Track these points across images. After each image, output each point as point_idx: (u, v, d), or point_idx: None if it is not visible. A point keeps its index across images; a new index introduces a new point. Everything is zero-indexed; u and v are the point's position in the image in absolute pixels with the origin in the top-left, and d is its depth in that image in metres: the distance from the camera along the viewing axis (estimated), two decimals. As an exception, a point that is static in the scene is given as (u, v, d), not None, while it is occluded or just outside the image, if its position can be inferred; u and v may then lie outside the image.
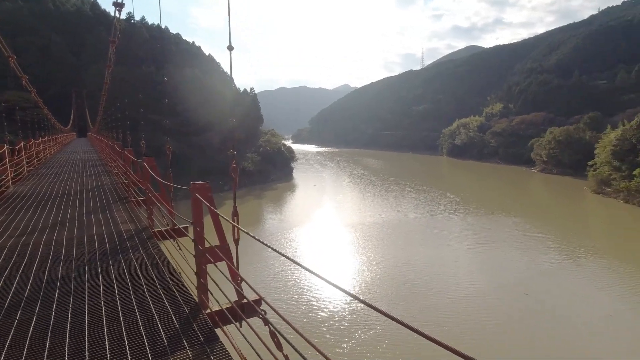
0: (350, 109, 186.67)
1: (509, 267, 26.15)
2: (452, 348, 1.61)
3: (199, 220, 4.61)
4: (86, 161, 21.97)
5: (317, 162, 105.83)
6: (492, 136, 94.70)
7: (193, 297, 4.62)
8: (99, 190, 12.15)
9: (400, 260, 27.56)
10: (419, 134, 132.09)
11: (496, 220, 39.69)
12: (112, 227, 7.89)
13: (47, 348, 3.53)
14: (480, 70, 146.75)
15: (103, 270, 5.48)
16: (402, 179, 70.36)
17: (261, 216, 45.80)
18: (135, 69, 55.10)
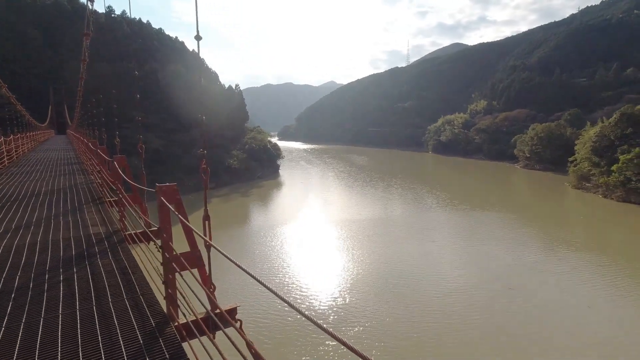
0: (337, 105, 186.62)
1: (493, 262, 26.42)
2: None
3: (166, 225, 4.28)
4: (62, 159, 21.16)
5: (304, 159, 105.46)
6: (477, 133, 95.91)
7: (162, 308, 4.30)
8: (72, 191, 11.60)
9: (386, 257, 27.56)
10: (404, 130, 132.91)
11: (480, 216, 40.12)
12: (81, 230, 7.44)
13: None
14: (465, 67, 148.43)
15: (65, 279, 5.09)
16: (388, 176, 70.63)
17: (247, 214, 45.29)
18: (115, 65, 53.63)
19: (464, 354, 16.10)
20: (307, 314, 1.97)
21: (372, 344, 16.64)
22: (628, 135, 46.34)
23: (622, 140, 46.70)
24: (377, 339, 16.95)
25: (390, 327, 17.83)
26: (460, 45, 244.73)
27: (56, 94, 59.10)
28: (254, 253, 29.38)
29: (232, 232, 35.45)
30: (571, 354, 16.00)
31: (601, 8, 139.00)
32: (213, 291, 4.39)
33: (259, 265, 26.43)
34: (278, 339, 15.48)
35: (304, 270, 25.54)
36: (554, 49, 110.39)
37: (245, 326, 3.68)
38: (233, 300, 4.31)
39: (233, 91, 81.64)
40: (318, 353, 15.76)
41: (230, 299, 18.57)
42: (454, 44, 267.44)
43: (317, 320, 1.99)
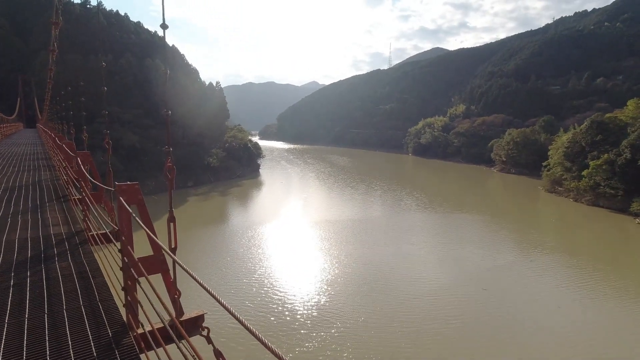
0: (319, 106, 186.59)
1: (468, 263, 26.83)
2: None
3: (126, 227, 3.97)
4: (28, 154, 20.15)
5: (284, 159, 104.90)
6: (456, 136, 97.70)
7: (122, 316, 3.99)
8: (35, 188, 10.97)
9: (365, 258, 27.58)
10: (385, 132, 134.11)
11: (457, 218, 40.77)
12: (39, 230, 6.97)
13: None
14: (445, 71, 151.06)
15: (16, 284, 4.69)
16: (368, 177, 71.00)
17: (225, 213, 44.56)
18: (89, 58, 51.72)
19: (439, 353, 16.21)
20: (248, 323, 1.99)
21: (347, 344, 16.53)
22: (598, 142, 48.06)
23: (592, 146, 48.40)
24: (353, 340, 16.86)
25: (365, 328, 17.78)
26: (441, 50, 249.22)
27: (25, 85, 56.62)
28: (231, 253, 28.88)
29: (208, 231, 34.78)
30: (540, 351, 16.34)
31: (574, 19, 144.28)
32: (178, 297, 4.12)
33: (235, 265, 25.99)
34: (248, 346, 15.17)
35: (280, 271, 25.26)
36: (530, 57, 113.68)
37: (213, 334, 3.44)
38: (200, 306, 4.06)
39: (214, 88, 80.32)
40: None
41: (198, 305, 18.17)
42: (435, 49, 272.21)
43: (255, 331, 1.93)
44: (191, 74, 77.58)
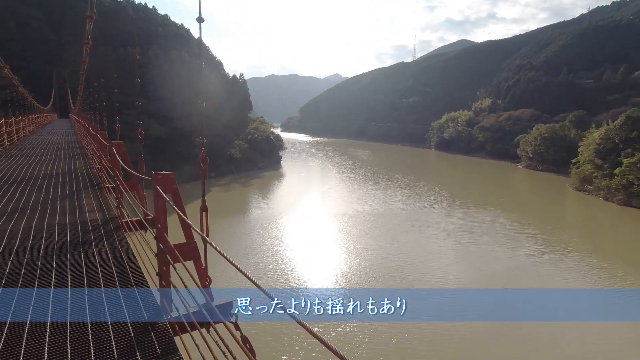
0: (341, 99, 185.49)
1: (490, 261, 26.35)
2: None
3: (161, 215, 4.14)
4: (63, 143, 21.04)
5: (306, 152, 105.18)
6: (480, 131, 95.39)
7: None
8: (71, 175, 11.48)
9: (384, 252, 27.51)
10: (407, 126, 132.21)
11: (480, 214, 40.01)
12: (77, 215, 7.32)
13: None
14: (471, 64, 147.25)
15: (58, 266, 4.97)
16: (389, 171, 70.43)
17: (246, 204, 45.25)
18: (118, 50, 53.16)
19: (458, 352, 16.08)
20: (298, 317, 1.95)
21: (363, 341, 16.56)
22: (633, 139, 45.98)
23: (626, 143, 46.35)
24: (369, 337, 16.86)
25: (383, 325, 17.62)
26: (468, 42, 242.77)
27: (59, 77, 58.76)
28: (251, 243, 29.33)
29: (230, 222, 35.40)
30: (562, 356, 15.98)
31: (611, 9, 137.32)
32: (209, 284, 4.28)
33: (255, 256, 26.35)
34: (275, 334, 15.46)
35: (299, 263, 25.50)
36: (562, 49, 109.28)
37: (241, 321, 3.57)
38: (229, 294, 4.19)
39: (237, 81, 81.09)
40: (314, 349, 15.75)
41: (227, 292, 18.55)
42: (461, 41, 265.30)
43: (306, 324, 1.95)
44: (216, 67, 78.56)
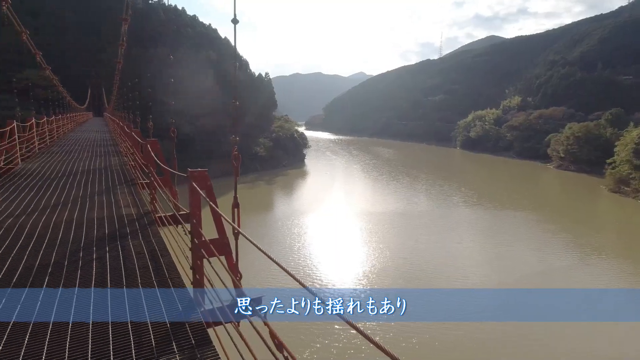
0: (365, 97, 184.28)
1: (517, 264, 25.61)
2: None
3: (196, 210, 4.31)
4: (98, 141, 21.97)
5: (330, 150, 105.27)
6: (508, 130, 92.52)
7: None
8: (107, 171, 12.01)
9: (407, 252, 27.24)
10: (432, 124, 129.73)
11: (508, 215, 38.92)
12: (114, 210, 7.67)
13: (25, 343, 3.30)
14: (500, 61, 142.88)
15: (98, 258, 5.25)
16: (414, 170, 69.54)
17: (271, 202, 45.81)
18: (150, 50, 54.83)
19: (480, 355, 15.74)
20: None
21: (385, 340, 16.48)
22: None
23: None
24: (391, 336, 16.75)
25: (404, 325, 17.42)
26: (497, 38, 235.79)
27: (94, 77, 61.23)
28: (275, 240, 29.67)
29: (255, 219, 35.95)
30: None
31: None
32: (239, 279, 4.41)
33: (278, 253, 26.62)
34: (302, 330, 15.62)
35: (322, 260, 25.61)
36: (598, 43, 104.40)
37: (269, 316, 3.67)
38: (258, 289, 4.31)
39: (262, 79, 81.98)
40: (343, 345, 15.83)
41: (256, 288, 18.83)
42: (490, 37, 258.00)
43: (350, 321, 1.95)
44: (242, 66, 79.66)
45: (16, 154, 12.53)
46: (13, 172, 11.42)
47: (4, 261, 5.06)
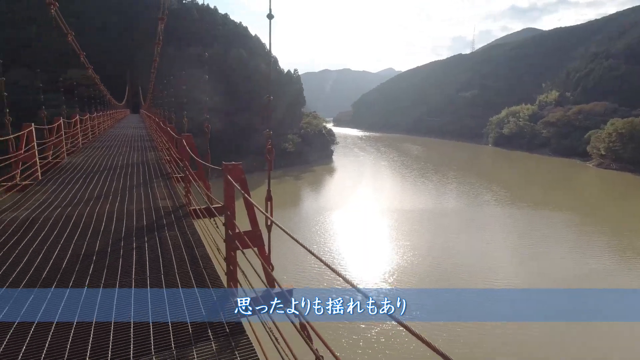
0: (394, 93, 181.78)
1: (553, 266, 24.62)
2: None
3: (230, 203, 4.45)
4: (135, 137, 22.93)
5: (358, 147, 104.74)
6: (544, 126, 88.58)
7: (223, 283, 4.51)
8: (144, 166, 12.55)
9: (434, 250, 26.77)
10: (464, 121, 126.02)
11: (543, 216, 37.40)
12: (151, 202, 8.04)
13: (74, 324, 3.55)
14: (537, 55, 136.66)
15: (137, 247, 5.53)
16: (443, 168, 68.06)
17: (298, 197, 46.19)
18: (183, 48, 56.50)
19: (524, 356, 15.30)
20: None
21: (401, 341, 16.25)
22: None
23: None
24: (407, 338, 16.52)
25: (430, 325, 17.10)
26: (534, 30, 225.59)
27: (132, 75, 63.71)
28: (301, 236, 29.91)
29: (282, 214, 36.38)
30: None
31: None
32: (271, 271, 4.53)
33: (306, 255, 26.65)
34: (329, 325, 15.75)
35: (348, 257, 25.61)
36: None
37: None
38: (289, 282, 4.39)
39: (291, 76, 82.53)
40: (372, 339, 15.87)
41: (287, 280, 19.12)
42: (527, 29, 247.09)
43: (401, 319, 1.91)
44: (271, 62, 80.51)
45: (63, 149, 13.32)
46: (60, 166, 12.15)
47: (54, 249, 5.43)
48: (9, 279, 4.49)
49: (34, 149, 10.39)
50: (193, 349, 3.20)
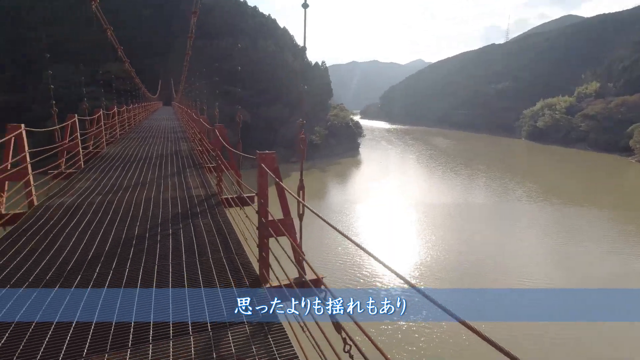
0: (423, 85, 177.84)
1: (592, 265, 23.62)
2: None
3: (263, 191, 4.57)
4: (168, 128, 23.70)
5: (385, 139, 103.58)
6: (583, 119, 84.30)
7: (254, 269, 4.65)
8: (177, 156, 13.01)
9: (462, 246, 26.18)
10: (495, 114, 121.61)
11: (581, 213, 35.81)
12: (185, 191, 8.36)
13: (117, 305, 3.79)
14: (576, 43, 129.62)
15: (173, 233, 5.79)
16: (473, 162, 66.23)
17: (324, 190, 46.32)
18: (213, 41, 57.49)
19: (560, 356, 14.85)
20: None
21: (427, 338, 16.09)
22: None
23: None
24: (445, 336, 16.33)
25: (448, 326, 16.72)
26: (573, 17, 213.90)
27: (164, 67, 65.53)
28: (332, 233, 29.87)
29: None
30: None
31: None
32: (302, 259, 4.61)
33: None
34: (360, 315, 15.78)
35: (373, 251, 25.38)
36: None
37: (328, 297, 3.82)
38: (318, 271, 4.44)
39: (319, 68, 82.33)
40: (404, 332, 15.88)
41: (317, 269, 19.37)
42: (566, 17, 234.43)
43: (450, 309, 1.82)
44: (299, 55, 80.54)
45: (102, 139, 13.97)
46: (100, 155, 12.79)
47: (97, 232, 5.77)
48: (59, 259, 4.83)
49: (77, 138, 10.97)
50: (228, 331, 3.35)
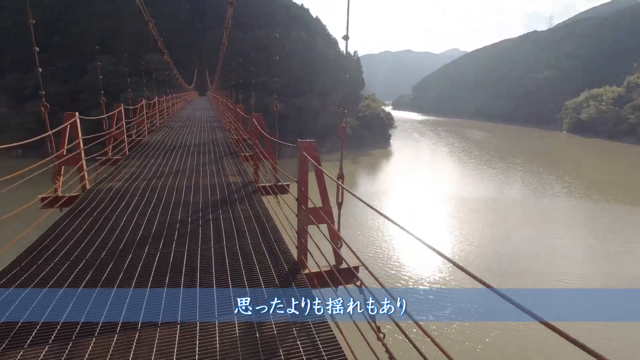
0: (458, 75, 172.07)
1: (635, 265, 22.42)
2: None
3: (304, 179, 4.67)
4: (205, 117, 24.41)
5: (417, 131, 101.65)
6: (633, 111, 78.98)
7: (292, 255, 4.78)
8: (214, 144, 13.42)
9: (495, 243, 25.45)
10: (534, 105, 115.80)
11: (626, 211, 33.87)
12: (222, 178, 8.66)
13: (166, 282, 4.05)
14: (628, 29, 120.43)
15: (214, 219, 6.05)
16: (509, 156, 63.76)
17: (354, 181, 46.22)
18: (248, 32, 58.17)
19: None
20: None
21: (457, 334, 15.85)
22: None
23: None
24: (472, 332, 16.05)
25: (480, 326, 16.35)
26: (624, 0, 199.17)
27: (200, 58, 67.13)
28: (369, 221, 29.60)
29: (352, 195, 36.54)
30: None
31: None
32: (340, 247, 4.69)
33: (358, 232, 26.74)
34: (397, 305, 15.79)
35: (403, 244, 25.11)
36: None
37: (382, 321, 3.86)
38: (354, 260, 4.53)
39: (351, 58, 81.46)
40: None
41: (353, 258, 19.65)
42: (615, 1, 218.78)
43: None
44: (331, 44, 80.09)
45: (145, 128, 14.62)
46: (143, 143, 13.41)
47: (144, 216, 6.12)
48: (112, 238, 5.19)
49: (122, 127, 11.56)
50: (270, 315, 3.50)
